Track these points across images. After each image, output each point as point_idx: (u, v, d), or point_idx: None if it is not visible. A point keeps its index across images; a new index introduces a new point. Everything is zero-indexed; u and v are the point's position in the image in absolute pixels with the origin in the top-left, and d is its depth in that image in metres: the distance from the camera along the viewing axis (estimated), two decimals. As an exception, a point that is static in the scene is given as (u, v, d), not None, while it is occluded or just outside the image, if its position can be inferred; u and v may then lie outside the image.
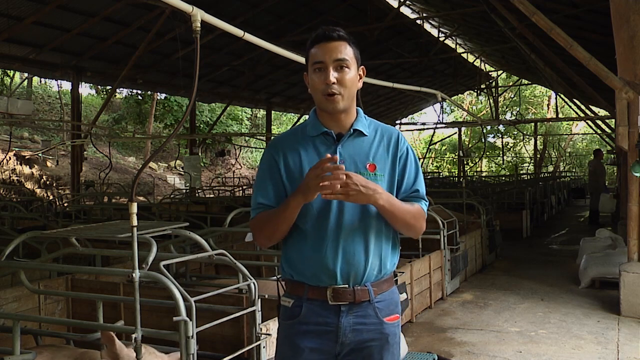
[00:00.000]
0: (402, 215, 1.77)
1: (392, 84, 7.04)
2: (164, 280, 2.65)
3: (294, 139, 1.86)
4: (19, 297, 3.61)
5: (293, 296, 1.83)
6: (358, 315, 1.78)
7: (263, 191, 1.83)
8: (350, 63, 1.77)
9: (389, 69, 18.89)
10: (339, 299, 1.76)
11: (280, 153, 1.83)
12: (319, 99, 1.79)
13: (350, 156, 1.79)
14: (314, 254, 1.77)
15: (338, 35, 1.77)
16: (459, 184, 15.44)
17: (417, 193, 1.86)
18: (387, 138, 1.85)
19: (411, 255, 5.76)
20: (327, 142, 1.82)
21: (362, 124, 1.84)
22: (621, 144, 5.32)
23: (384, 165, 1.81)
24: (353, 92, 1.80)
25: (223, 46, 13.40)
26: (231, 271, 4.19)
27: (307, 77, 1.84)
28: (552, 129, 33.69)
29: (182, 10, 3.01)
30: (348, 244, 1.76)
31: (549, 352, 4.37)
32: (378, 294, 1.80)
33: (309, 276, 1.79)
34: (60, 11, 10.18)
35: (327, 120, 1.83)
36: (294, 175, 1.80)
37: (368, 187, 1.66)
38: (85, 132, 13.03)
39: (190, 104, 2.77)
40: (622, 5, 5.22)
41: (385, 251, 1.82)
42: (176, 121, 24.34)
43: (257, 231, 1.83)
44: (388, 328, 1.82)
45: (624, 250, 6.06)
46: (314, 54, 1.78)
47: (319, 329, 1.78)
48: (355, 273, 1.77)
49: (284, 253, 1.86)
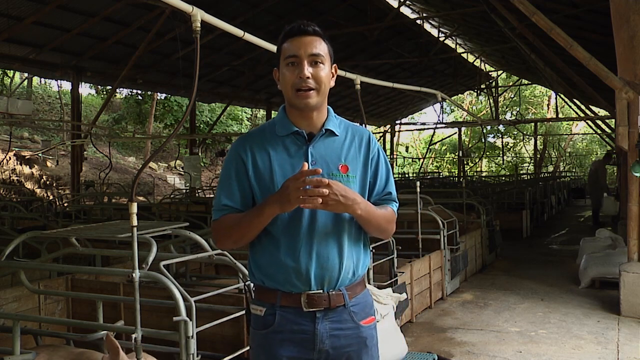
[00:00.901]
0: (377, 221, 1.74)
1: (392, 84, 7.03)
2: (164, 280, 2.65)
3: (263, 138, 1.77)
4: (19, 297, 3.61)
5: (265, 304, 1.75)
6: (334, 321, 1.73)
7: (228, 192, 1.75)
8: (324, 59, 1.71)
9: (389, 69, 18.89)
10: (313, 305, 1.71)
11: (249, 152, 1.75)
12: (291, 94, 1.71)
13: (322, 157, 1.73)
14: (286, 258, 1.70)
15: (313, 30, 1.71)
16: (459, 184, 15.42)
17: (389, 195, 1.83)
18: (358, 138, 1.80)
19: (411, 255, 5.77)
20: (297, 142, 1.74)
21: (333, 124, 1.78)
22: (621, 144, 5.32)
23: (355, 166, 1.76)
24: (326, 89, 1.74)
25: (223, 46, 13.40)
26: (231, 271, 4.20)
27: (276, 72, 1.77)
28: (552, 129, 33.67)
29: (182, 10, 3.01)
30: (322, 248, 1.70)
31: (549, 352, 4.37)
32: (352, 297, 1.76)
33: (281, 282, 1.72)
34: (60, 11, 10.17)
35: (298, 119, 1.75)
36: (263, 176, 1.73)
37: (347, 197, 1.61)
38: (85, 132, 13.03)
39: (190, 104, 2.78)
40: (622, 5, 5.23)
41: (357, 253, 1.78)
42: (176, 121, 24.33)
43: (223, 234, 1.75)
44: (365, 331, 1.78)
45: (624, 250, 6.06)
46: (287, 47, 1.71)
47: (294, 337, 1.72)
48: (329, 277, 1.71)
49: (253, 258, 1.78)
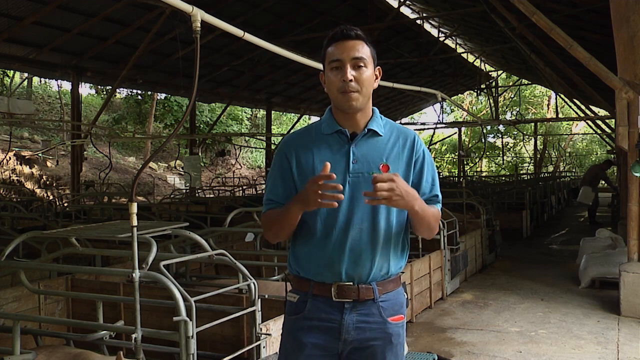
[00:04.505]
0: (428, 219, 1.77)
1: (392, 84, 7.05)
2: (164, 280, 2.65)
3: (308, 137, 1.85)
4: (19, 297, 3.61)
5: (299, 292, 1.84)
6: (361, 313, 1.77)
7: (273, 187, 1.85)
8: (367, 62, 1.76)
9: (389, 69, 18.87)
10: (343, 295, 1.76)
11: (293, 152, 1.83)
12: (335, 96, 1.77)
13: (364, 156, 1.78)
14: (320, 251, 1.78)
15: (356, 34, 1.77)
16: (459, 184, 15.43)
17: (436, 197, 1.86)
18: (402, 139, 1.83)
19: (411, 255, 5.77)
20: (341, 141, 1.80)
21: (377, 124, 1.82)
22: (621, 144, 5.32)
23: (397, 166, 1.79)
24: (369, 91, 1.79)
25: (223, 46, 13.40)
26: (231, 271, 4.20)
27: (323, 76, 1.84)
28: (552, 129, 33.66)
29: (182, 10, 3.01)
30: (355, 245, 1.75)
31: (549, 352, 4.37)
32: (383, 293, 1.80)
33: (314, 273, 1.79)
34: (60, 11, 10.17)
35: (342, 119, 1.81)
36: (306, 172, 1.79)
37: (409, 193, 1.65)
38: (85, 132, 13.02)
39: (190, 104, 2.78)
40: (622, 5, 5.23)
41: (393, 253, 1.81)
42: (176, 121, 24.32)
43: (266, 229, 1.87)
44: (392, 328, 1.81)
45: (624, 250, 6.06)
46: (331, 52, 1.77)
47: (322, 325, 1.79)
48: (360, 272, 1.76)
49: (292, 249, 1.87)
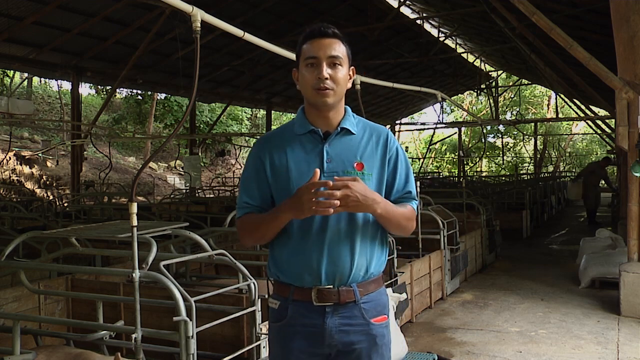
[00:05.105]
0: (396, 219, 1.77)
1: (392, 84, 7.04)
2: (164, 280, 2.65)
3: (281, 138, 1.83)
4: (19, 297, 3.61)
5: (279, 297, 1.82)
6: (344, 316, 1.76)
7: (249, 190, 1.83)
8: (343, 61, 1.76)
9: (389, 69, 18.88)
10: (323, 299, 1.74)
11: (267, 153, 1.82)
12: (310, 93, 1.76)
13: (338, 155, 1.77)
14: (298, 254, 1.75)
15: (333, 32, 1.76)
16: (459, 184, 15.42)
17: (409, 194, 1.85)
18: (375, 137, 1.83)
19: (411, 255, 5.77)
20: (314, 141, 1.79)
21: (349, 122, 1.82)
22: (621, 144, 5.32)
23: (372, 164, 1.79)
24: (343, 90, 1.79)
25: (223, 46, 13.39)
26: (231, 271, 4.19)
27: (296, 72, 1.83)
28: (552, 129, 33.63)
29: (182, 10, 3.02)
30: (334, 245, 1.73)
31: (549, 352, 4.37)
32: (364, 294, 1.77)
33: (294, 277, 1.77)
34: (60, 11, 10.16)
35: (315, 118, 1.81)
36: (280, 173, 1.78)
37: (367, 197, 1.63)
38: (85, 132, 13.02)
39: (190, 104, 2.78)
40: (622, 5, 5.23)
41: (371, 252, 1.80)
42: (176, 121, 24.31)
43: (245, 234, 1.83)
44: (375, 329, 1.79)
45: (624, 250, 6.06)
46: (307, 49, 1.76)
47: (305, 331, 1.77)
48: (340, 274, 1.74)
49: (271, 254, 1.85)
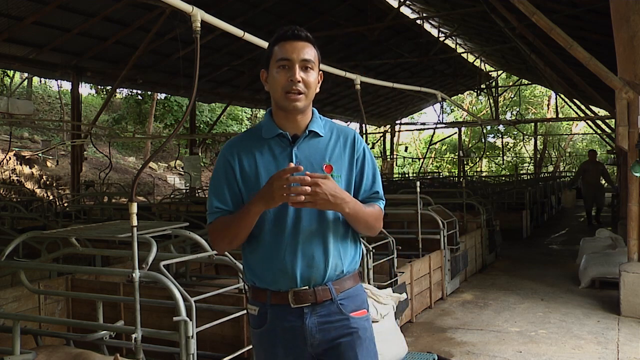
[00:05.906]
0: (365, 219, 1.77)
1: (392, 84, 7.04)
2: (164, 280, 2.65)
3: (249, 141, 1.82)
4: (19, 297, 3.61)
5: (258, 303, 1.81)
6: (322, 315, 1.76)
7: (219, 195, 1.80)
8: (314, 65, 1.77)
9: (389, 69, 18.88)
10: (300, 301, 1.74)
11: (235, 156, 1.80)
12: (280, 96, 1.75)
13: (306, 158, 1.77)
14: (273, 259, 1.75)
15: (305, 36, 1.77)
16: (459, 184, 15.41)
17: (376, 194, 1.86)
18: (343, 138, 1.83)
19: (411, 255, 5.77)
20: (282, 144, 1.79)
21: (317, 125, 1.82)
22: (621, 144, 5.32)
23: (340, 166, 1.80)
24: (313, 94, 1.79)
25: (223, 46, 13.39)
26: (231, 271, 4.20)
27: (264, 73, 1.81)
28: (552, 129, 33.64)
29: (182, 10, 3.02)
30: (307, 247, 1.73)
31: (549, 352, 4.37)
32: (340, 292, 1.78)
33: (269, 281, 1.77)
34: (60, 11, 10.16)
35: (283, 121, 1.80)
36: (250, 178, 1.77)
37: (336, 196, 1.64)
38: (85, 132, 13.02)
39: (190, 104, 2.78)
40: (622, 5, 5.23)
41: (344, 251, 1.80)
42: (176, 121, 24.31)
43: (217, 237, 1.78)
44: (356, 322, 1.79)
45: (624, 250, 6.06)
46: (279, 51, 1.75)
47: (286, 334, 1.77)
48: (315, 275, 1.75)
49: (245, 260, 1.84)
